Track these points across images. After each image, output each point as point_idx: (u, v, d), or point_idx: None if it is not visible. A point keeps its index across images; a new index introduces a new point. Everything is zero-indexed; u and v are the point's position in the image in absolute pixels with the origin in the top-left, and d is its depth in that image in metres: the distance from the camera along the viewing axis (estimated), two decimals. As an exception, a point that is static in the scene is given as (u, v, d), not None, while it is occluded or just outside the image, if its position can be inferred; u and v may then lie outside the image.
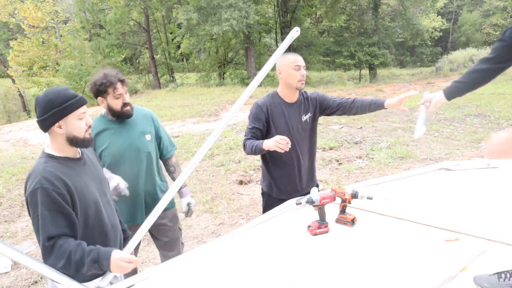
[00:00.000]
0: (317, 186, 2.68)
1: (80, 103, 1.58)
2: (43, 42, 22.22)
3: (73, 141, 1.59)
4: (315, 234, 1.79)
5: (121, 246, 1.82)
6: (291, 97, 2.46)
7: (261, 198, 2.67)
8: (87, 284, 1.59)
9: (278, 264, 1.57)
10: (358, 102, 2.47)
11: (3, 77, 28.61)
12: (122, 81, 2.12)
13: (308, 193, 2.56)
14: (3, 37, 29.95)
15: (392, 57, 25.17)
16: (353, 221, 1.87)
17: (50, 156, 1.59)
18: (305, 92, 2.54)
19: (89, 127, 1.64)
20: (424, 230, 1.78)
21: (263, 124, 2.40)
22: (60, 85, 19.39)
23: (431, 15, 32.31)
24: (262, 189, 2.64)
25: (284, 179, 2.50)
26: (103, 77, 2.09)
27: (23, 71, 21.85)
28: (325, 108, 2.53)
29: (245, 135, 2.45)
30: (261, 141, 2.30)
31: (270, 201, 2.52)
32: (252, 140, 2.35)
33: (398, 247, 1.65)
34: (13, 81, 22.40)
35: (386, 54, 22.73)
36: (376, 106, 2.44)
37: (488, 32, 33.09)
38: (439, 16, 34.12)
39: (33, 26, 21.65)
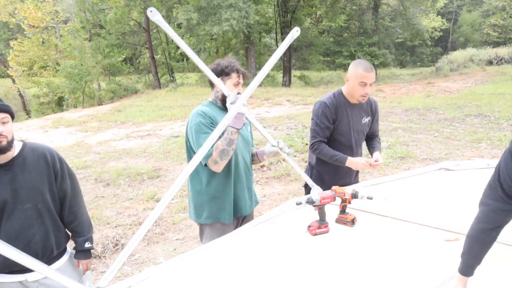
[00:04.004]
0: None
1: None
2: (43, 42, 22.21)
3: None
4: (315, 234, 1.79)
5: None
6: (355, 99, 2.45)
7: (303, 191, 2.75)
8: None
9: (278, 264, 1.57)
10: (368, 144, 2.65)
11: (3, 77, 28.60)
12: (244, 74, 2.18)
13: None
14: (3, 37, 29.94)
15: (392, 57, 25.18)
16: (353, 221, 1.87)
17: None
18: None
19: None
20: (424, 230, 1.78)
21: (331, 122, 2.41)
22: (60, 85, 19.07)
23: (431, 15, 32.32)
24: (306, 183, 2.67)
25: (335, 175, 2.51)
26: (230, 61, 2.15)
27: (23, 71, 21.85)
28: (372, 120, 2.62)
29: (314, 135, 2.43)
30: (342, 156, 2.36)
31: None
32: (329, 148, 2.40)
33: (398, 247, 1.65)
34: (13, 81, 22.41)
35: (386, 54, 22.74)
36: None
37: (487, 32, 33.08)
38: (439, 16, 34.13)
39: (33, 26, 21.65)
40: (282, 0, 21.69)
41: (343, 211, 1.91)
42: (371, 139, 2.66)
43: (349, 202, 1.90)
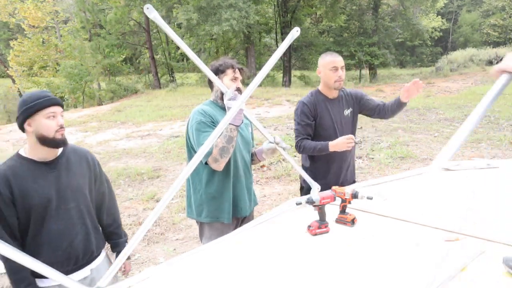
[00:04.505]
0: (354, 182, 2.78)
1: (48, 102, 1.62)
2: (43, 42, 22.23)
3: (43, 141, 1.63)
4: (315, 234, 1.79)
5: (73, 261, 1.79)
6: (332, 94, 2.56)
7: (299, 193, 2.80)
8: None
9: (278, 264, 1.58)
10: (388, 105, 2.59)
11: (3, 77, 28.60)
12: (240, 69, 2.21)
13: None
14: (3, 37, 29.96)
15: (392, 57, 25.17)
16: (353, 221, 1.87)
17: (17, 155, 1.68)
18: (344, 88, 2.63)
19: (61, 127, 1.65)
20: (424, 230, 1.78)
21: (312, 120, 2.50)
22: (60, 85, 19.14)
23: (431, 15, 32.32)
24: (301, 184, 2.75)
25: (327, 173, 2.56)
26: (224, 59, 2.20)
27: (23, 71, 21.87)
28: (363, 106, 2.62)
29: (297, 134, 2.52)
30: (323, 143, 2.40)
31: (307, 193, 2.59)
32: (310, 141, 2.46)
33: (398, 247, 1.65)
34: (13, 81, 22.41)
35: (386, 54, 22.73)
36: (397, 103, 2.52)
37: (487, 32, 33.08)
38: (439, 16, 34.12)
39: (33, 26, 21.67)
40: (282, 0, 21.69)
41: (343, 211, 1.91)
42: (384, 106, 2.60)
43: (349, 202, 1.90)
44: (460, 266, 1.45)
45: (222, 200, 2.17)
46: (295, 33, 1.92)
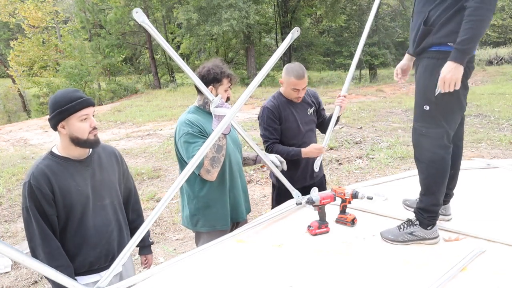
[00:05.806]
0: (324, 176, 2.81)
1: (81, 105, 1.62)
2: (43, 42, 22.19)
3: (76, 142, 1.65)
4: (315, 234, 1.80)
5: (110, 257, 1.79)
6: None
7: (271, 191, 2.82)
8: (84, 277, 1.71)
9: (278, 264, 1.58)
10: (326, 119, 2.68)
11: (3, 77, 28.58)
12: (234, 78, 2.17)
13: (315, 183, 2.63)
14: (3, 37, 29.90)
15: (392, 57, 25.14)
16: (353, 221, 1.87)
17: (51, 154, 1.69)
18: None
19: (94, 128, 1.68)
20: (424, 230, 1.78)
21: (278, 123, 2.54)
22: (60, 85, 19.00)
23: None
24: (272, 182, 2.77)
25: (293, 170, 2.58)
26: (220, 66, 2.11)
27: (23, 71, 21.82)
28: (317, 110, 2.71)
29: (266, 139, 2.55)
30: (296, 149, 2.46)
31: (280, 192, 2.62)
32: (282, 146, 2.50)
33: (398, 247, 1.65)
34: (13, 81, 22.41)
35: (386, 54, 22.71)
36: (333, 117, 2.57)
37: (487, 33, 33.05)
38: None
39: (33, 26, 21.62)
40: (282, 0, 21.68)
41: (343, 211, 1.92)
42: (323, 120, 2.71)
43: (349, 202, 1.91)
44: (460, 266, 1.45)
45: (218, 207, 2.13)
46: (295, 33, 1.92)
